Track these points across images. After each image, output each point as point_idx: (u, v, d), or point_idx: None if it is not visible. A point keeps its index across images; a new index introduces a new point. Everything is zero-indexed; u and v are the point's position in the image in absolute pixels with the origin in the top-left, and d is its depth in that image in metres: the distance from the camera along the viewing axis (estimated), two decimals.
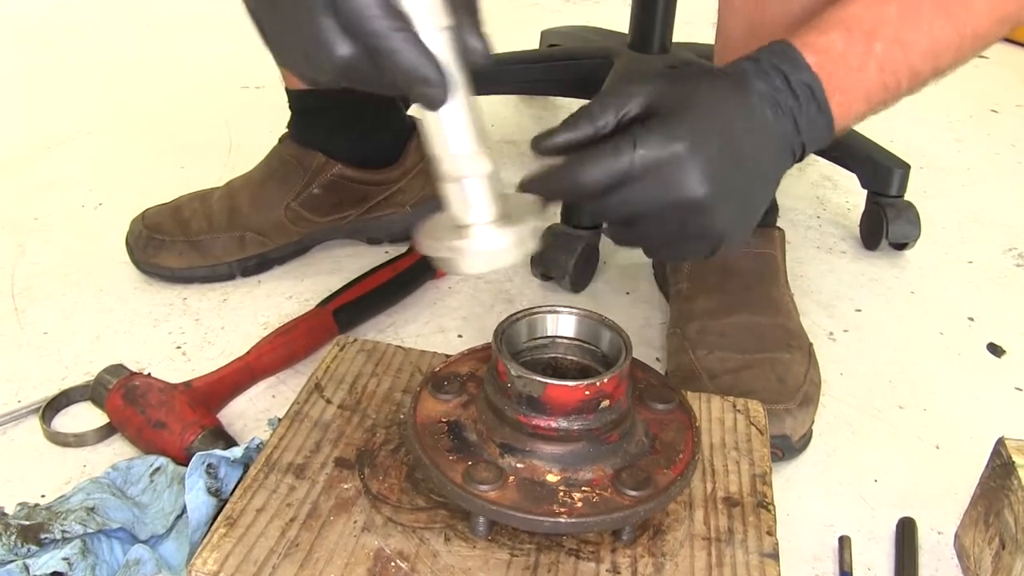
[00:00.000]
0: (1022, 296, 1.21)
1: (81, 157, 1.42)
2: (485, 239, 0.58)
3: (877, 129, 1.54)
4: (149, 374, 0.88)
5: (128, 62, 1.85)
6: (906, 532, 0.79)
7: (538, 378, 0.59)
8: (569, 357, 0.68)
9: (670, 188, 0.62)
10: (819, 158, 1.46)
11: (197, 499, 0.71)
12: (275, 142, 1.15)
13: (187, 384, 0.86)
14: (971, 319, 1.15)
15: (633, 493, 0.59)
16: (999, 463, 0.74)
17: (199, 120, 1.58)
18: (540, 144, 0.65)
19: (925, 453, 0.91)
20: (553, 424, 0.60)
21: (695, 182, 0.62)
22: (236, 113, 1.61)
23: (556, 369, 0.67)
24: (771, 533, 0.65)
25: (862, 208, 1.31)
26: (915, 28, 0.69)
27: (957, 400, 1.00)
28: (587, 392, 0.59)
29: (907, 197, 1.28)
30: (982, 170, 1.62)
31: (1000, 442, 0.74)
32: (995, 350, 1.09)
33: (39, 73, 1.77)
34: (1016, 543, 0.69)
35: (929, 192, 1.49)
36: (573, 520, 0.57)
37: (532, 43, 1.82)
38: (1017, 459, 0.72)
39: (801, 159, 0.70)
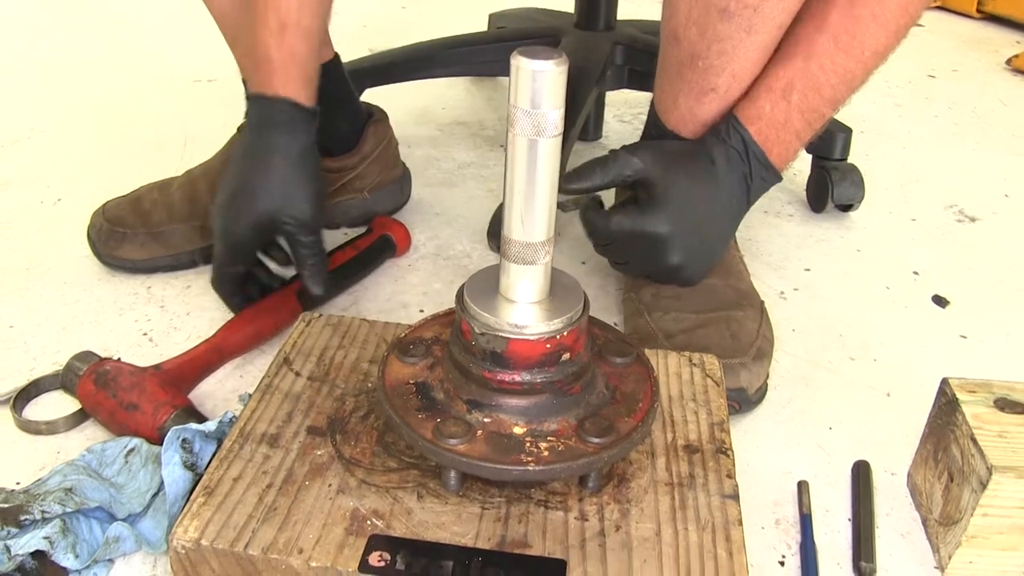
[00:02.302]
0: (964, 249, 1.25)
1: (36, 155, 1.43)
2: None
3: None
4: (119, 359, 0.89)
5: (79, 59, 1.86)
6: (861, 474, 0.83)
7: (501, 333, 0.61)
8: None
9: (650, 256, 0.92)
10: None
11: (174, 473, 0.73)
12: (230, 134, 1.16)
13: (157, 367, 0.88)
14: (916, 273, 1.19)
15: (596, 440, 0.62)
16: (944, 401, 0.77)
17: (153, 115, 1.59)
18: (565, 185, 0.90)
19: (877, 400, 0.95)
20: (517, 378, 0.62)
21: (668, 253, 0.91)
22: (190, 107, 1.62)
23: None
24: (731, 476, 0.68)
25: (808, 173, 1.35)
26: (821, 69, 0.87)
27: (905, 349, 1.03)
28: (548, 345, 0.62)
29: (851, 160, 1.32)
30: (921, 132, 1.67)
31: (944, 381, 0.77)
32: (940, 301, 1.13)
33: None
34: (963, 474, 0.72)
35: (872, 155, 1.53)
36: (540, 468, 0.60)
37: (485, 24, 1.85)
38: (960, 396, 0.75)
39: (745, 210, 0.95)
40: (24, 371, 0.94)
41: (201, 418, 0.83)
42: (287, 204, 0.90)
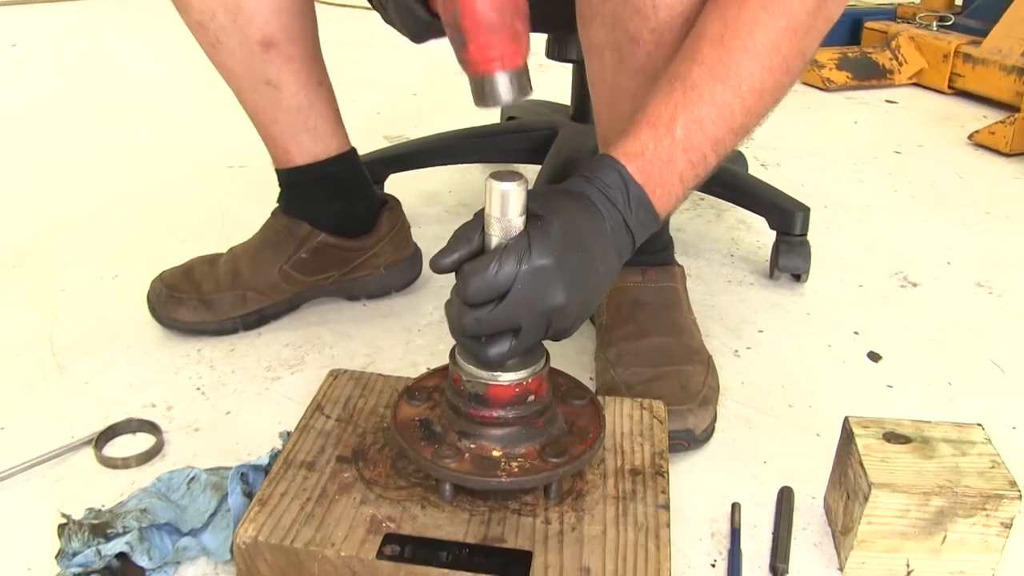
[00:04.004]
0: (902, 311, 1.44)
1: (93, 236, 1.63)
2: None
3: (789, 174, 1.79)
4: None
5: (125, 147, 2.09)
6: (784, 497, 1.01)
7: (482, 380, 0.81)
8: None
9: (540, 297, 0.78)
10: (734, 205, 1.69)
11: (237, 501, 0.92)
12: (260, 213, 1.38)
13: None
14: (856, 333, 1.38)
15: (555, 460, 0.82)
16: (845, 435, 0.96)
17: (192, 198, 1.80)
18: (438, 264, 0.80)
19: (807, 439, 1.13)
20: (495, 414, 0.83)
21: (559, 291, 0.78)
22: (225, 190, 1.83)
23: None
24: (664, 492, 0.87)
25: (770, 246, 1.54)
26: (699, 101, 0.84)
27: (838, 398, 1.22)
28: (517, 389, 0.82)
29: (811, 233, 1.50)
30: (879, 206, 1.86)
31: (846, 419, 0.96)
32: (874, 357, 1.31)
33: (45, 162, 2.00)
34: (854, 492, 0.91)
35: (831, 228, 1.72)
36: (511, 479, 0.80)
37: (487, 111, 2.06)
38: (856, 430, 0.94)
39: (631, 254, 0.86)
40: (100, 418, 1.13)
41: None
42: None
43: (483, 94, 0.77)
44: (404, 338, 1.33)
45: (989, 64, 2.55)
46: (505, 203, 0.76)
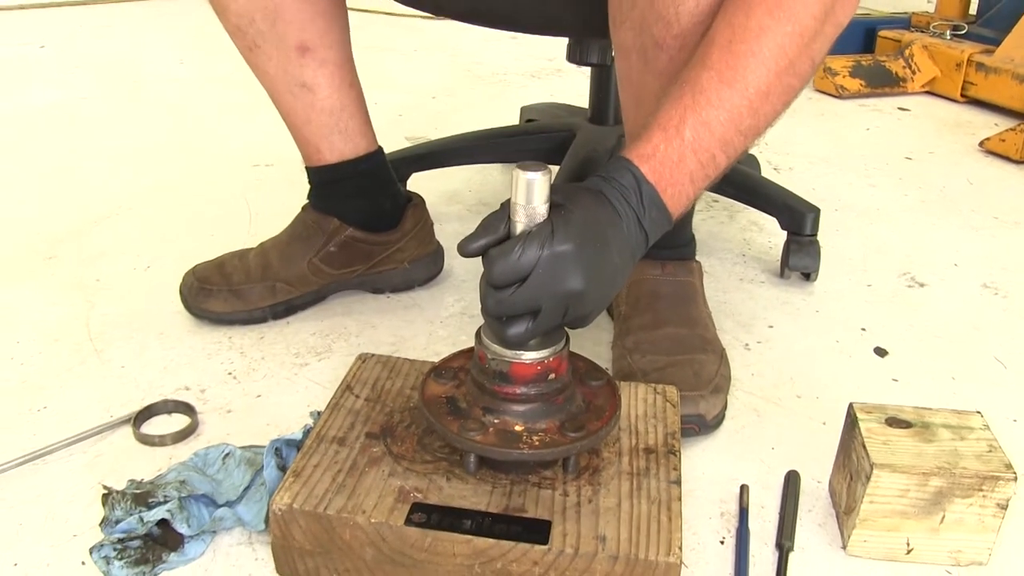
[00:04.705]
0: (908, 309, 1.49)
1: (125, 229, 1.69)
2: None
3: (802, 178, 1.84)
4: None
5: (152, 147, 2.14)
6: (791, 480, 1.06)
7: (506, 359, 0.86)
8: None
9: (559, 281, 0.82)
10: (747, 207, 1.74)
11: (272, 474, 0.97)
12: (286, 210, 1.43)
13: None
14: (863, 329, 1.42)
15: (572, 435, 0.87)
16: (849, 420, 1.01)
17: (219, 195, 1.86)
18: (465, 248, 0.86)
19: (814, 428, 1.18)
20: (517, 391, 0.88)
21: (578, 277, 0.83)
22: (251, 188, 1.88)
23: None
24: (676, 469, 0.92)
25: (781, 247, 1.58)
26: (709, 104, 0.87)
27: (844, 389, 1.26)
28: (539, 367, 0.87)
29: (821, 235, 1.55)
30: (889, 209, 1.90)
31: (851, 405, 1.01)
32: (880, 352, 1.36)
33: (72, 160, 2.06)
34: (857, 473, 0.95)
35: (841, 230, 1.77)
36: (531, 451, 0.85)
37: (505, 113, 2.12)
38: (860, 415, 0.99)
39: (644, 252, 0.91)
40: (136, 400, 1.18)
41: None
42: None
43: None
44: (427, 329, 1.38)
45: (1001, 73, 2.59)
46: (530, 191, 0.81)
